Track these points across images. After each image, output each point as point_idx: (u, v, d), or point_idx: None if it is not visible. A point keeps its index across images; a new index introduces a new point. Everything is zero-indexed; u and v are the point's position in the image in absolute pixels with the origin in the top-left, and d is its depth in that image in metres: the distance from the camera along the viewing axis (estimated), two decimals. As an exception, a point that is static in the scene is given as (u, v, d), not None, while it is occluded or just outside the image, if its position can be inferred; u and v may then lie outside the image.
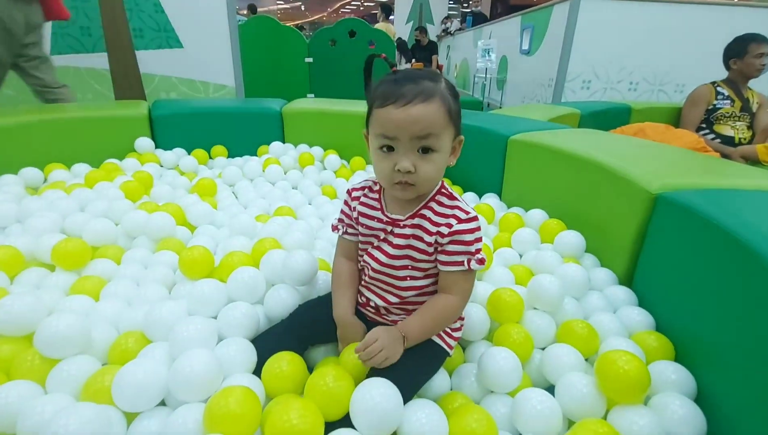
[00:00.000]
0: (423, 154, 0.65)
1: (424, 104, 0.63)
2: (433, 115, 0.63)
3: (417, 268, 0.73)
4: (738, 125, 2.23)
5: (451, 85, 0.68)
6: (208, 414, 0.59)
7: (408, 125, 0.63)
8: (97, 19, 2.33)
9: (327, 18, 20.99)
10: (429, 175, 0.66)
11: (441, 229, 0.69)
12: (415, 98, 0.63)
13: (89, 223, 1.12)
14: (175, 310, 0.81)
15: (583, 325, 0.83)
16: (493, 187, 1.51)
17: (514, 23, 4.39)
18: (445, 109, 0.64)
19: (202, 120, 1.96)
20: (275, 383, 0.70)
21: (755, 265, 0.62)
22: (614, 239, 1.02)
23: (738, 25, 2.59)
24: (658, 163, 1.08)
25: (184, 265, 0.97)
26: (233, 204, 1.46)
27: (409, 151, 0.65)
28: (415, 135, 0.64)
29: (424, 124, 0.63)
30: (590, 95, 3.37)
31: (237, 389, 0.61)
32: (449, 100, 0.65)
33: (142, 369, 0.65)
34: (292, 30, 4.17)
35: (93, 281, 0.95)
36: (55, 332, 0.71)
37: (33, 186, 1.51)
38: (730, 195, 0.84)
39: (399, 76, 0.66)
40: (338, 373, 0.67)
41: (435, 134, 0.64)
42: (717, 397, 0.69)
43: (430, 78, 0.66)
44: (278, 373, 0.70)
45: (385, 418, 0.60)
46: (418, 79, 0.64)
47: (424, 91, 0.63)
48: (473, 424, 0.63)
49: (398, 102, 0.63)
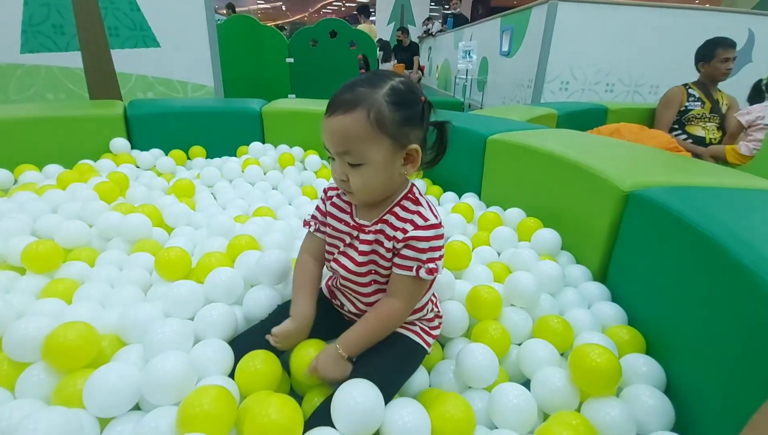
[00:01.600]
0: (351, 166, 0.64)
1: (343, 116, 0.61)
2: (351, 128, 0.60)
3: (381, 274, 0.72)
4: (708, 126, 2.31)
5: (399, 90, 0.63)
6: (182, 414, 0.58)
7: (328, 137, 0.63)
8: (70, 16, 2.27)
9: (308, 18, 20.86)
10: (360, 186, 0.65)
11: (397, 233, 0.67)
12: (337, 109, 0.61)
13: (62, 225, 1.09)
14: (150, 312, 0.79)
15: (558, 320, 0.85)
16: (473, 186, 1.53)
17: (494, 25, 4.45)
18: (369, 119, 0.60)
19: (179, 120, 1.93)
20: (249, 382, 0.69)
21: (722, 260, 0.65)
22: (589, 236, 1.05)
23: (710, 28, 2.69)
24: (630, 162, 1.11)
25: (161, 267, 0.95)
26: (212, 205, 1.44)
27: (340, 162, 0.64)
28: (335, 149, 0.63)
29: (341, 137, 0.62)
30: (568, 96, 3.44)
31: (211, 389, 0.61)
32: (381, 108, 0.60)
33: (114, 373, 0.64)
34: (272, 30, 4.13)
35: (65, 284, 0.92)
36: (23, 336, 0.69)
37: (2, 188, 1.47)
38: (699, 192, 0.87)
39: (347, 83, 0.64)
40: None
41: (356, 148, 0.61)
42: (685, 388, 0.72)
43: (371, 84, 0.62)
44: (252, 372, 0.69)
45: (367, 419, 0.60)
46: (355, 87, 0.62)
47: (349, 101, 0.61)
48: (452, 410, 0.64)
49: (327, 112, 0.63)
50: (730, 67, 2.24)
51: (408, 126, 0.64)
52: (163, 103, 2.05)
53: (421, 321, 0.78)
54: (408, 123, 0.63)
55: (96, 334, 0.73)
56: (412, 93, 0.64)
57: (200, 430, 0.56)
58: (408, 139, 0.64)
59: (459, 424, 0.64)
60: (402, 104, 0.62)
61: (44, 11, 2.43)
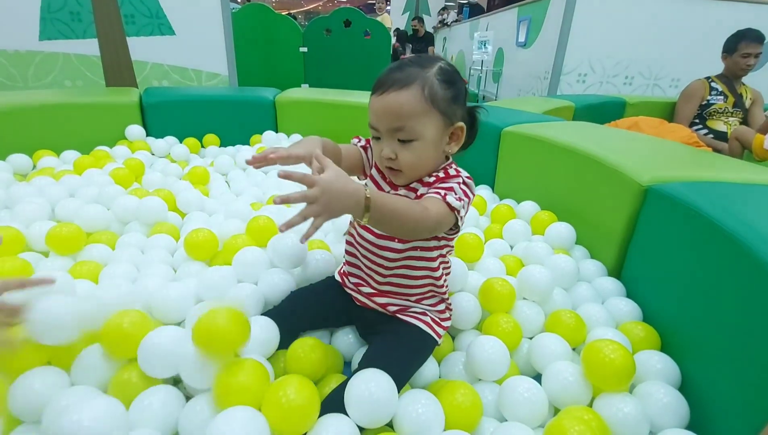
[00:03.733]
0: (402, 143, 0.65)
1: (397, 92, 0.62)
2: (407, 103, 0.62)
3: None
4: (731, 121, 2.24)
5: (447, 70, 0.66)
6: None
7: (382, 114, 0.64)
8: (88, 4, 2.29)
9: (322, 7, 20.74)
10: (410, 163, 0.66)
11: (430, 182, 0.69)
12: (391, 87, 0.62)
13: (82, 209, 1.11)
14: (183, 292, 0.82)
15: (570, 315, 0.84)
16: (486, 178, 1.51)
17: (511, 15, 4.36)
18: (423, 94, 0.62)
19: (194, 108, 1.94)
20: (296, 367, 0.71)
21: (742, 256, 0.63)
22: (604, 231, 1.03)
23: (736, 20, 2.59)
24: (649, 156, 1.08)
25: (190, 248, 0.98)
26: (225, 192, 1.45)
27: (389, 139, 0.65)
28: (388, 126, 0.64)
29: (395, 113, 0.62)
30: (586, 88, 3.37)
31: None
32: (434, 85, 0.63)
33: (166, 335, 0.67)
34: (286, 18, 4.12)
35: (90, 266, 0.94)
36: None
37: (22, 172, 1.49)
38: (719, 187, 0.85)
39: (394, 64, 0.66)
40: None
41: (410, 123, 0.63)
42: (701, 386, 0.71)
43: (421, 64, 0.64)
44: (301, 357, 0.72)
45: (380, 408, 0.60)
46: (405, 67, 0.64)
47: (403, 79, 0.62)
48: (459, 398, 0.65)
49: (378, 90, 0.63)
50: (750, 63, 2.14)
51: (456, 104, 0.66)
52: (178, 91, 2.06)
53: (432, 312, 0.78)
54: (456, 101, 0.66)
55: (150, 321, 0.73)
56: (457, 74, 0.68)
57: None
58: (456, 116, 0.67)
59: (466, 413, 0.65)
60: (451, 83, 0.65)
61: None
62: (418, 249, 0.73)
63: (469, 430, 0.64)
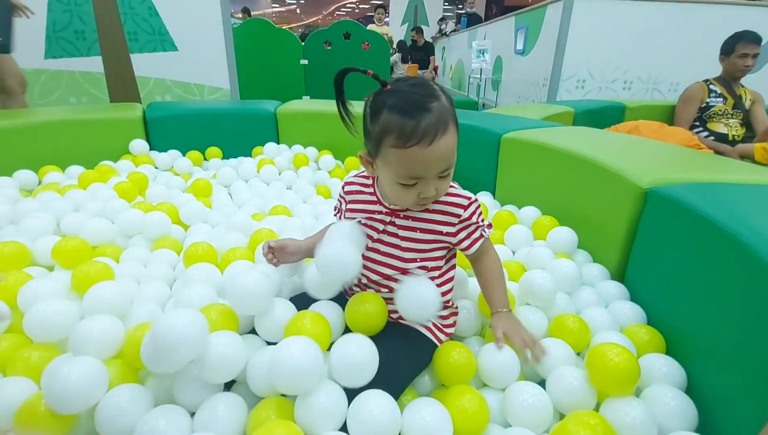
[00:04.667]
0: (441, 178, 0.67)
1: (445, 137, 0.62)
2: (453, 143, 0.65)
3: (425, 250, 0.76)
4: (731, 122, 2.24)
5: (445, 91, 0.66)
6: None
7: (437, 162, 0.64)
8: (92, 22, 2.33)
9: (322, 21, 21.00)
10: (443, 190, 0.70)
11: (449, 218, 0.74)
12: (437, 134, 0.61)
13: (87, 223, 1.12)
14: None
15: (574, 319, 0.84)
16: (487, 185, 1.51)
17: (509, 24, 4.40)
18: (457, 128, 0.65)
19: (196, 121, 1.96)
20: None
21: (745, 258, 0.63)
22: (606, 235, 1.03)
23: (734, 23, 2.59)
24: (649, 159, 1.08)
25: (189, 262, 0.99)
26: (228, 204, 1.46)
27: (433, 180, 0.66)
28: (441, 169, 0.65)
29: (448, 156, 0.65)
30: (585, 94, 3.38)
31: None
32: (454, 114, 0.65)
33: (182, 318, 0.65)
34: (286, 32, 4.18)
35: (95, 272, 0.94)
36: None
37: (27, 188, 1.51)
38: (721, 189, 0.85)
39: (407, 106, 0.61)
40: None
41: (453, 158, 0.66)
42: (707, 389, 0.70)
43: (434, 96, 0.63)
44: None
45: (383, 430, 0.59)
46: (427, 104, 0.61)
47: (441, 120, 0.62)
48: (466, 403, 0.66)
49: (423, 141, 0.61)
50: (748, 64, 2.15)
51: None
52: (180, 105, 2.09)
53: (434, 317, 0.78)
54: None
55: None
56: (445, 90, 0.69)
57: None
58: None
59: (473, 418, 0.65)
60: (452, 101, 0.66)
61: (66, 17, 2.51)
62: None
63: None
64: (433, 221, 0.74)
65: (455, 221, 0.74)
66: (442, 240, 0.75)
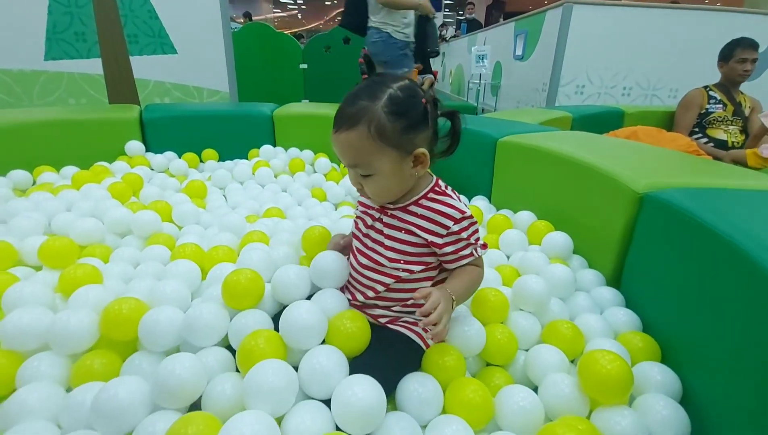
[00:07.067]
0: (362, 177, 0.67)
1: (347, 133, 0.63)
2: (357, 144, 0.63)
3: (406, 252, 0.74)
4: (731, 129, 2.23)
5: (397, 98, 0.63)
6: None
7: (338, 152, 0.66)
8: (92, 24, 2.33)
9: (323, 26, 21.11)
10: (376, 192, 0.69)
11: (437, 228, 0.71)
12: (342, 126, 0.63)
13: (76, 222, 1.11)
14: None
15: (568, 325, 0.82)
16: (483, 189, 1.50)
17: (508, 29, 4.41)
18: (370, 133, 0.62)
19: (193, 123, 1.95)
20: None
21: (741, 264, 0.62)
22: (602, 240, 1.01)
23: (732, 30, 2.60)
24: (645, 163, 1.07)
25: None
26: (222, 205, 1.45)
27: (352, 172, 0.68)
28: (345, 162, 0.66)
29: (349, 153, 0.65)
30: (584, 100, 3.38)
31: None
32: (381, 120, 0.61)
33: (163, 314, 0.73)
34: (286, 36, 4.20)
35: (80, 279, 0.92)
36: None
37: (21, 188, 1.50)
38: (716, 194, 0.84)
39: (349, 95, 0.65)
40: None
41: (363, 161, 0.64)
42: (702, 398, 0.68)
43: (370, 95, 0.63)
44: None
45: (369, 415, 0.59)
46: (356, 100, 0.63)
47: (352, 116, 0.62)
48: (470, 395, 0.66)
49: (333, 127, 0.65)
50: (747, 68, 2.15)
51: (411, 132, 0.65)
52: (177, 107, 2.09)
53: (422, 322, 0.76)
54: (410, 130, 0.65)
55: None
56: (411, 98, 0.65)
57: None
58: (413, 144, 0.66)
59: (477, 408, 0.66)
60: (402, 113, 0.63)
61: (67, 20, 2.51)
62: (408, 281, 0.75)
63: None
64: (418, 226, 0.72)
65: (443, 232, 0.70)
66: (429, 246, 0.72)
